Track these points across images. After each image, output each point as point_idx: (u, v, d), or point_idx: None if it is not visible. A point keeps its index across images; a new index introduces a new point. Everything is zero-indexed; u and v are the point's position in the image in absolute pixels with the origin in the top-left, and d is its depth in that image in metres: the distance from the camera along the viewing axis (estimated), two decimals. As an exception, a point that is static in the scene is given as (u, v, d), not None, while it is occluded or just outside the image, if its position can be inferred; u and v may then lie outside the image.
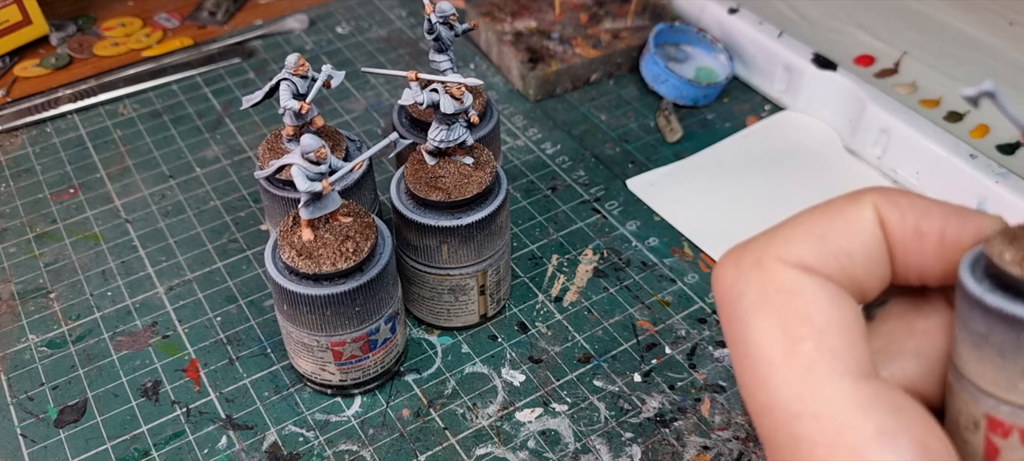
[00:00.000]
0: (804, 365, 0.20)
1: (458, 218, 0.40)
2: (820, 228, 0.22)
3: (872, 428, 0.19)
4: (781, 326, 0.21)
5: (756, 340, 0.21)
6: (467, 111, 0.40)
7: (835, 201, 0.22)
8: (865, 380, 0.20)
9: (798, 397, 0.20)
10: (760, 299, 0.21)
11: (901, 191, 0.22)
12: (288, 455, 0.40)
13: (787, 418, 0.20)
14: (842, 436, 0.19)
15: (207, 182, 0.54)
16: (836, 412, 0.20)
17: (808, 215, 0.22)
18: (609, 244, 0.50)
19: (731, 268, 0.22)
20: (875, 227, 0.22)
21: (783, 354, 0.20)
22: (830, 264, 0.21)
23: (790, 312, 0.21)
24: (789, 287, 0.21)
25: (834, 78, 0.56)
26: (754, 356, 0.21)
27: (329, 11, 0.70)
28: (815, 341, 0.20)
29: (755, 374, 0.21)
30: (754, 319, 0.21)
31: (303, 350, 0.40)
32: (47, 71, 0.65)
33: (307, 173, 0.35)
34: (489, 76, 0.63)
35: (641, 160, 0.55)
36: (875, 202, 0.22)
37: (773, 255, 0.21)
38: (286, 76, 0.41)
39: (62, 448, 0.40)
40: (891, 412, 0.20)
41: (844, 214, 0.22)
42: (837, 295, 0.21)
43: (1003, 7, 0.63)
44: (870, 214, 0.22)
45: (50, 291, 0.48)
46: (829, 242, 0.22)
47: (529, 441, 0.40)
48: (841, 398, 0.20)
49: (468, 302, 0.43)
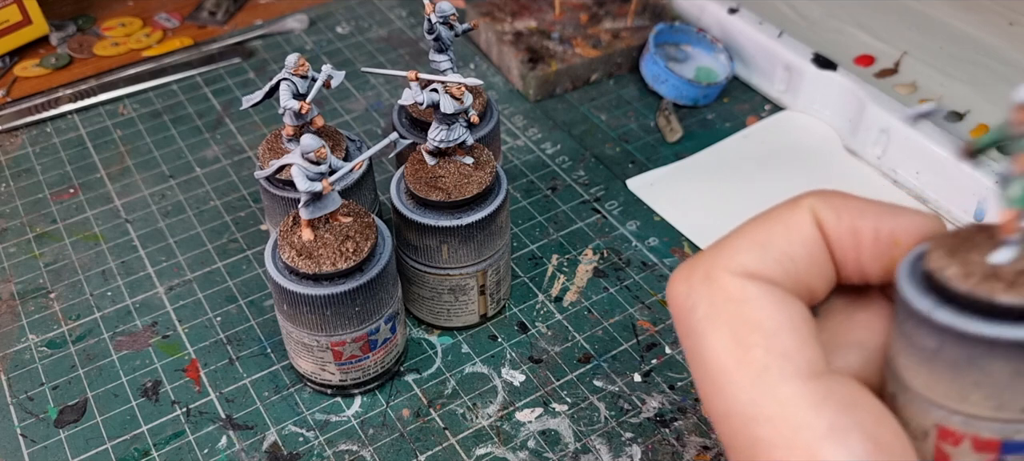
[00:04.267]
0: (756, 370, 0.21)
1: (458, 218, 0.40)
2: (762, 235, 0.23)
3: (824, 426, 0.20)
4: (732, 335, 0.21)
5: (710, 350, 0.22)
6: (467, 111, 0.40)
7: (775, 208, 0.23)
8: (817, 379, 0.21)
9: (753, 402, 0.21)
10: (711, 311, 0.22)
11: (837, 193, 0.23)
12: (288, 455, 0.40)
13: (744, 422, 0.21)
14: (796, 436, 0.20)
15: (207, 182, 0.54)
16: (789, 413, 0.20)
17: (751, 224, 0.23)
18: (609, 244, 0.50)
19: (682, 283, 0.23)
20: (813, 229, 0.23)
21: (736, 362, 0.21)
22: (775, 269, 0.22)
23: (740, 320, 0.22)
24: (737, 296, 0.22)
25: (834, 78, 0.56)
26: (709, 366, 0.22)
27: (329, 11, 0.70)
28: (766, 346, 0.21)
29: (712, 383, 0.22)
30: (707, 330, 0.22)
31: (303, 350, 0.40)
32: (47, 71, 0.65)
33: (307, 173, 0.35)
34: (489, 76, 0.63)
35: (641, 160, 0.55)
36: (812, 205, 0.23)
37: (720, 267, 0.22)
38: (286, 76, 0.41)
39: (62, 448, 0.40)
40: (843, 409, 0.20)
41: (783, 220, 0.23)
42: (784, 299, 0.22)
43: (1003, 7, 0.63)
44: (808, 217, 0.23)
45: (50, 291, 0.48)
46: (772, 248, 0.22)
47: (529, 441, 0.40)
48: (793, 399, 0.20)
49: (468, 302, 0.43)
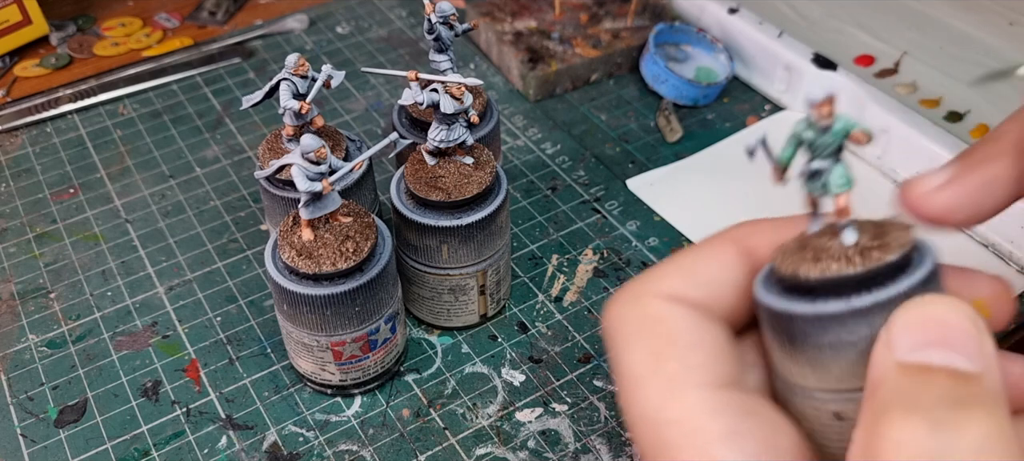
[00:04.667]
0: (667, 379, 0.23)
1: (458, 218, 0.40)
2: (688, 263, 0.25)
3: (719, 430, 0.22)
4: (651, 348, 0.24)
5: (630, 361, 0.24)
6: (467, 111, 0.40)
7: (703, 241, 0.26)
8: (723, 389, 0.23)
9: (661, 406, 0.23)
10: (636, 328, 0.24)
11: (760, 223, 0.26)
12: (288, 455, 0.40)
13: (654, 426, 0.23)
14: (694, 438, 0.22)
15: (207, 182, 0.54)
16: (690, 417, 0.22)
17: (680, 254, 0.26)
18: (609, 244, 0.50)
19: (615, 305, 0.25)
20: (735, 255, 0.25)
21: (652, 371, 0.23)
22: (698, 292, 0.25)
23: (658, 336, 0.24)
24: (659, 315, 0.24)
25: (834, 78, 0.56)
26: (629, 375, 0.24)
27: (329, 11, 0.70)
28: (679, 358, 0.23)
29: (630, 390, 0.24)
30: (630, 345, 0.24)
31: (303, 350, 0.40)
32: (47, 71, 0.65)
33: (307, 173, 0.35)
34: (489, 76, 0.63)
35: (641, 160, 0.55)
36: (735, 234, 0.26)
37: (648, 290, 0.25)
38: (286, 76, 0.41)
39: (62, 448, 0.40)
40: (741, 415, 0.22)
41: (708, 250, 0.26)
42: (703, 320, 0.24)
43: (1003, 7, 0.63)
44: (730, 244, 0.25)
45: (50, 291, 0.48)
46: (696, 275, 0.25)
47: (529, 441, 0.40)
48: (696, 405, 0.22)
49: (468, 302, 0.43)
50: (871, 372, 0.21)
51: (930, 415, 0.19)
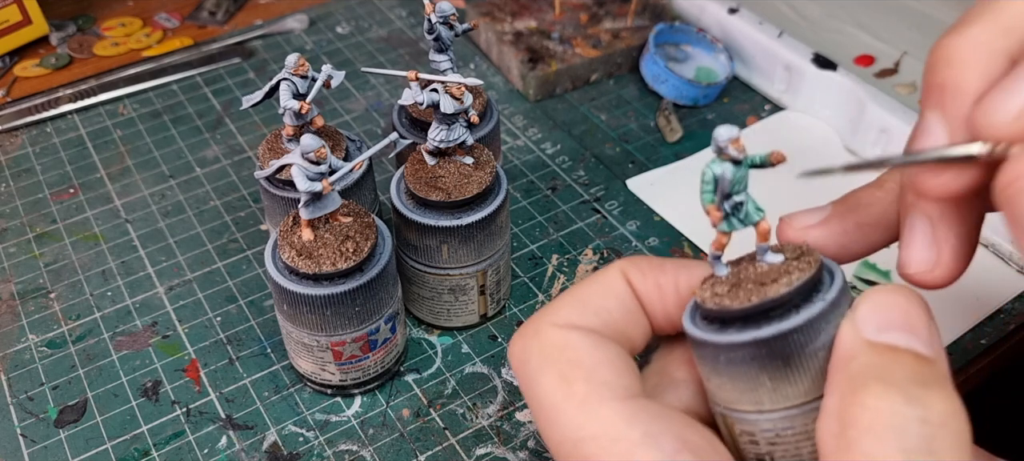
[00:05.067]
0: (580, 399, 0.25)
1: (458, 218, 0.40)
2: (582, 294, 0.27)
3: (638, 434, 0.24)
4: (559, 374, 0.25)
5: (543, 390, 0.25)
6: (467, 111, 0.40)
7: (593, 274, 0.28)
8: (632, 400, 0.24)
9: (579, 425, 0.24)
10: (541, 357, 0.26)
11: (642, 257, 0.28)
12: (288, 455, 0.40)
13: (574, 444, 0.24)
14: (616, 446, 0.24)
15: (207, 182, 0.54)
16: (608, 428, 0.24)
17: (574, 287, 0.28)
18: (609, 244, 0.50)
19: (518, 340, 0.27)
20: (623, 286, 0.27)
21: (563, 395, 0.25)
22: (593, 320, 0.27)
23: (564, 361, 0.25)
24: (560, 343, 0.26)
25: (834, 78, 0.56)
26: (543, 403, 0.25)
27: (329, 11, 0.70)
28: (586, 379, 0.25)
29: (546, 418, 0.25)
30: (539, 375, 0.26)
31: (303, 350, 0.40)
32: (47, 71, 0.65)
33: (307, 173, 0.35)
34: (489, 76, 0.63)
35: (641, 160, 0.55)
36: (622, 267, 0.28)
37: (547, 322, 0.26)
38: (286, 76, 0.41)
39: (62, 448, 0.40)
40: (653, 419, 0.24)
41: (599, 281, 0.28)
42: (601, 341, 0.26)
43: (1003, 7, 0.63)
44: (618, 276, 0.27)
45: (50, 291, 0.48)
46: (589, 304, 0.27)
47: (529, 441, 0.40)
48: (611, 417, 0.24)
49: (468, 302, 0.43)
50: (839, 348, 0.23)
51: (904, 389, 0.22)
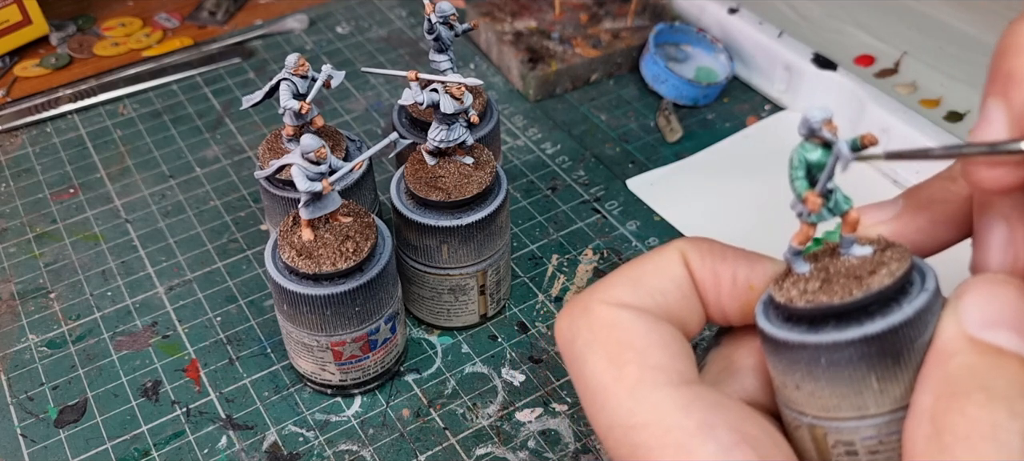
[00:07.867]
0: (631, 383, 0.23)
1: (458, 218, 0.40)
2: (635, 273, 0.26)
3: (693, 424, 0.22)
4: (608, 355, 0.24)
5: (591, 371, 0.24)
6: (467, 111, 0.40)
7: (649, 252, 0.26)
8: (686, 386, 0.23)
9: (630, 411, 0.23)
10: (590, 337, 0.24)
11: (705, 239, 0.26)
12: (288, 455, 0.40)
13: (624, 431, 0.23)
14: (669, 436, 0.22)
15: (207, 182, 0.54)
16: (662, 416, 0.22)
17: (626, 265, 0.26)
18: (609, 244, 0.50)
19: (565, 318, 0.25)
20: (681, 268, 0.26)
21: (613, 378, 0.23)
22: (646, 300, 0.25)
23: (614, 342, 0.24)
24: (611, 322, 0.24)
25: (834, 78, 0.56)
26: (591, 385, 0.24)
27: (329, 11, 0.70)
28: (638, 362, 0.23)
29: (594, 401, 0.24)
30: (587, 354, 0.24)
31: (303, 350, 0.40)
32: (47, 71, 0.65)
33: (307, 173, 0.35)
34: (489, 76, 0.63)
35: (641, 160, 0.55)
36: (681, 248, 0.26)
37: (597, 299, 0.25)
38: (286, 76, 0.41)
39: (62, 448, 0.40)
40: (710, 408, 0.22)
41: (654, 260, 0.26)
42: (654, 322, 0.25)
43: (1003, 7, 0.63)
44: (676, 257, 0.26)
45: (50, 291, 0.48)
46: (643, 283, 0.25)
47: (529, 441, 0.40)
48: (665, 404, 0.23)
49: (468, 302, 0.43)
50: (938, 342, 0.22)
51: (1008, 402, 0.20)
